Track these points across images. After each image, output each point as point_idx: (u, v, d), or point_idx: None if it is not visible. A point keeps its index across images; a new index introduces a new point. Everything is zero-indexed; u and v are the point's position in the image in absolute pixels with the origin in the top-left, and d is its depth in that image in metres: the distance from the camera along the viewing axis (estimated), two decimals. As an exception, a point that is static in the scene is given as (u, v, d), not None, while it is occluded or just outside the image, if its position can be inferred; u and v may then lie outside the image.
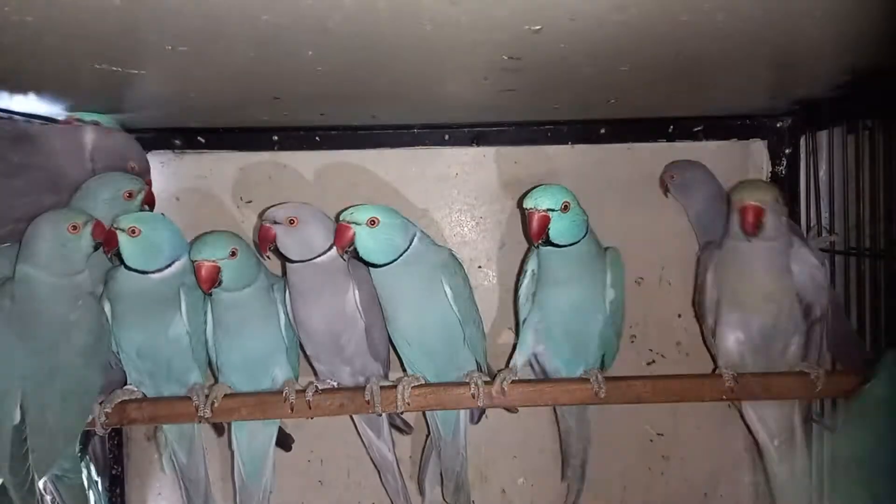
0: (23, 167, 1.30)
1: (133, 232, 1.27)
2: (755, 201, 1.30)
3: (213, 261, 1.28)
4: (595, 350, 1.42)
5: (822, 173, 1.61)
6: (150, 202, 1.42)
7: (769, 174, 1.72)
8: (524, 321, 1.44)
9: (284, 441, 1.59)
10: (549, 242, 1.30)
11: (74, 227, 1.23)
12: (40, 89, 1.25)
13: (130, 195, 1.35)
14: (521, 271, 1.45)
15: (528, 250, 1.43)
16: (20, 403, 1.20)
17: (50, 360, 1.22)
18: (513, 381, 1.38)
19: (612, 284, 1.37)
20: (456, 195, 1.74)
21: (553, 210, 1.27)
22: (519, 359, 1.43)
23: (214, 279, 1.28)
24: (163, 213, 1.45)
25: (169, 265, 1.31)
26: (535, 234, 1.28)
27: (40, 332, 1.22)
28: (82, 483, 1.32)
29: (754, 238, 1.31)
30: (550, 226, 1.27)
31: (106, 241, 1.27)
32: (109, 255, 1.30)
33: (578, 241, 1.31)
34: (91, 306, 1.27)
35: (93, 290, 1.29)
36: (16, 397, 1.20)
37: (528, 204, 1.29)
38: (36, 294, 1.22)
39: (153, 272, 1.30)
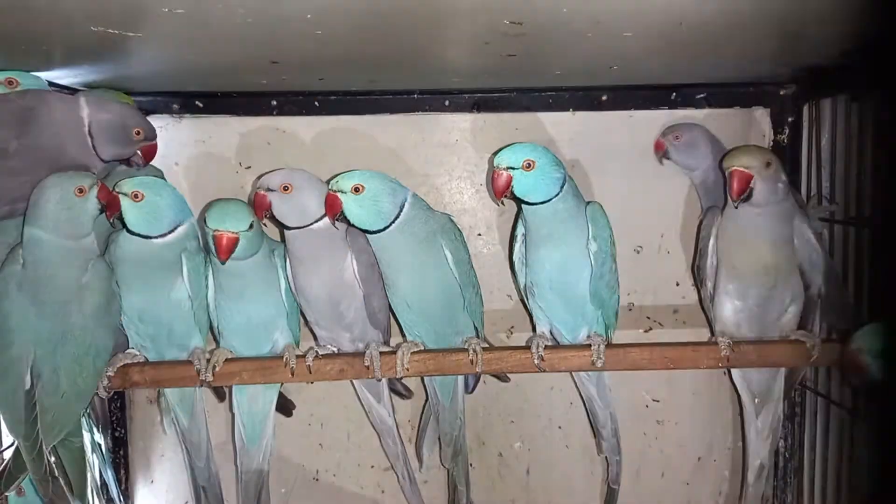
0: (23, 148, 1.27)
1: (136, 196, 1.27)
2: (741, 166, 1.29)
3: (235, 232, 1.28)
4: (591, 310, 1.42)
5: (825, 142, 1.60)
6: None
7: (771, 142, 1.71)
8: (524, 287, 1.45)
9: (285, 406, 1.61)
10: (521, 200, 1.32)
11: (81, 190, 1.23)
12: (35, 52, 1.23)
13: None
14: (512, 237, 1.46)
15: (517, 216, 1.43)
16: (31, 368, 1.22)
17: (62, 324, 1.23)
18: (510, 349, 1.40)
19: (595, 237, 1.36)
20: (456, 162, 1.73)
21: (514, 168, 1.29)
22: (544, 328, 1.45)
23: (233, 250, 1.28)
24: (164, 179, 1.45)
25: (171, 230, 1.31)
26: (497, 192, 1.31)
27: (52, 296, 1.22)
28: (83, 445, 1.34)
29: (743, 204, 1.30)
30: (514, 183, 1.30)
31: (109, 205, 1.27)
32: (112, 220, 1.29)
33: (552, 199, 1.31)
34: (101, 270, 1.28)
35: (101, 253, 1.30)
36: (27, 362, 1.21)
37: (493, 163, 1.31)
38: (46, 257, 1.22)
39: (155, 237, 1.30)
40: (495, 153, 1.32)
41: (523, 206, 1.35)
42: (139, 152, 1.39)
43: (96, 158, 1.34)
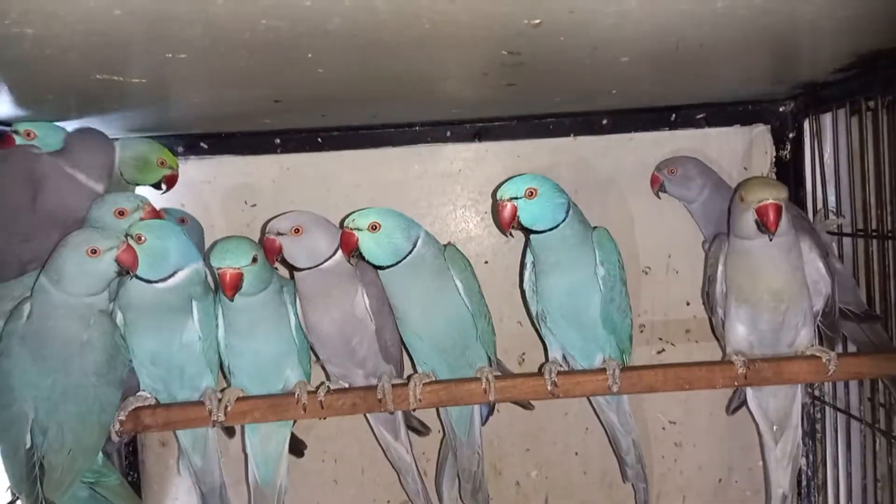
0: (35, 211, 1.31)
1: (139, 239, 1.27)
2: (774, 199, 1.26)
3: (238, 268, 1.28)
4: (603, 335, 1.41)
5: (828, 156, 1.61)
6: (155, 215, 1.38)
7: (773, 159, 1.71)
8: (536, 314, 1.44)
9: (296, 447, 1.59)
10: (528, 230, 1.33)
11: (94, 251, 1.21)
12: (42, 100, 1.25)
13: (122, 213, 1.32)
14: (522, 266, 1.46)
15: (525, 245, 1.43)
16: (32, 426, 1.20)
17: (63, 381, 1.22)
18: (523, 376, 1.39)
19: (602, 262, 1.36)
20: (460, 191, 1.74)
21: (517, 198, 1.30)
22: (556, 353, 1.44)
23: (239, 286, 1.28)
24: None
25: (172, 275, 1.30)
26: (504, 223, 1.31)
27: (53, 352, 1.21)
28: (120, 481, 1.34)
29: (774, 236, 1.28)
30: (519, 213, 1.31)
31: (132, 265, 1.26)
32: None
33: (559, 225, 1.32)
34: (104, 325, 1.26)
35: (106, 308, 1.28)
36: (28, 420, 1.20)
37: (497, 196, 1.32)
38: (50, 311, 1.22)
39: (156, 281, 1.29)
40: (497, 187, 1.33)
41: (531, 235, 1.35)
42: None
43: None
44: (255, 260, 1.30)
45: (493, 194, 1.39)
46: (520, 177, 1.33)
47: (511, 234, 1.37)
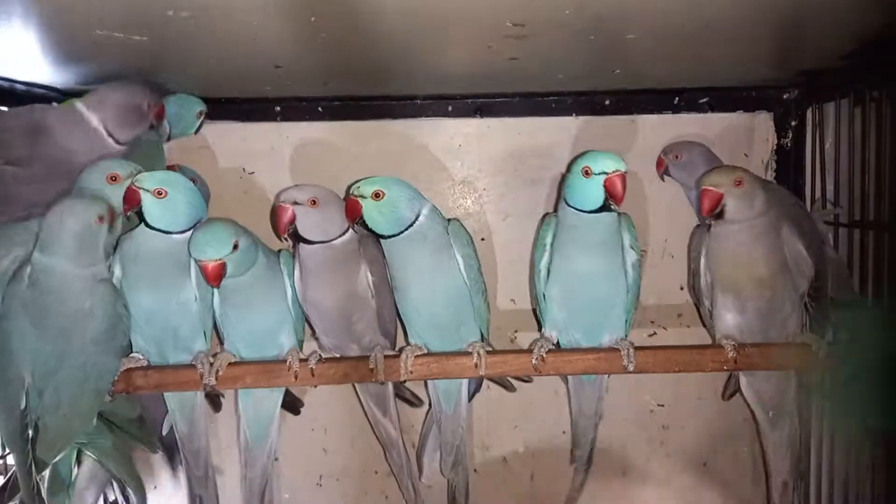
0: (37, 158, 1.31)
1: (160, 193, 1.26)
2: (709, 185, 1.32)
3: (218, 259, 1.25)
4: (618, 317, 1.41)
5: (829, 145, 1.60)
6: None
7: (774, 146, 1.71)
8: (544, 295, 1.43)
9: (293, 405, 1.60)
10: (591, 209, 1.29)
11: (101, 219, 1.22)
12: (41, 57, 1.24)
13: (114, 178, 1.31)
14: (535, 245, 1.44)
15: (542, 222, 1.42)
16: (28, 388, 1.21)
17: (62, 348, 1.22)
18: (514, 352, 1.39)
19: (632, 246, 1.36)
20: (459, 167, 1.73)
21: (615, 171, 1.26)
22: (551, 331, 1.43)
23: (221, 275, 1.26)
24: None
25: (190, 228, 1.30)
26: (621, 197, 1.26)
27: (53, 320, 1.21)
28: (112, 443, 1.35)
29: (719, 221, 1.33)
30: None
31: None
32: (129, 215, 1.28)
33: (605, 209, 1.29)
34: (106, 294, 1.25)
35: (108, 276, 1.28)
36: (24, 383, 1.21)
37: (609, 166, 1.26)
38: (52, 283, 1.21)
39: (175, 233, 1.29)
40: (582, 156, 1.30)
41: (569, 215, 1.32)
42: (154, 120, 1.45)
43: (115, 146, 1.39)
44: (235, 247, 1.26)
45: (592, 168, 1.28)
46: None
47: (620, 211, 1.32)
